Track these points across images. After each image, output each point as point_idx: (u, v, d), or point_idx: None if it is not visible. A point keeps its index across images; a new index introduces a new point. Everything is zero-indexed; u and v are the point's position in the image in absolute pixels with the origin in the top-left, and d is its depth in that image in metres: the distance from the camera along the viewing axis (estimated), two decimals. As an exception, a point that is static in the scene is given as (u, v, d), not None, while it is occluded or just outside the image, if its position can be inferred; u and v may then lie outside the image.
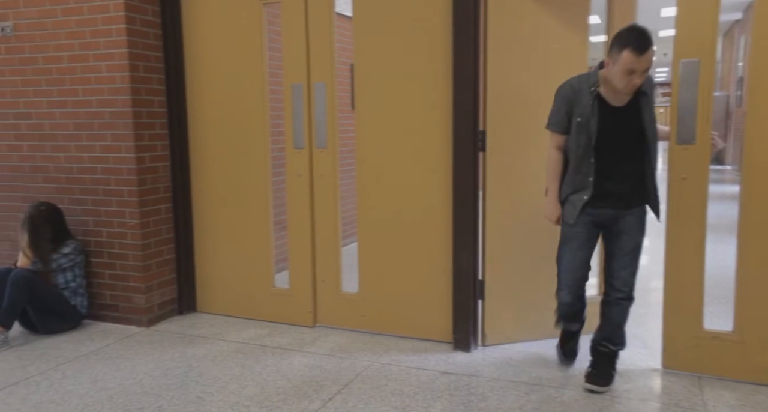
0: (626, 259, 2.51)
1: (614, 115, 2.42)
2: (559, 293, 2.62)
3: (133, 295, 3.47)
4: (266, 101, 3.40)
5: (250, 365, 2.91)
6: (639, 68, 2.25)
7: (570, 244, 2.56)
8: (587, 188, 2.47)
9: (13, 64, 3.54)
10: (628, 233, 2.50)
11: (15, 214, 3.66)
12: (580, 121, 2.43)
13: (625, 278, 2.52)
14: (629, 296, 2.56)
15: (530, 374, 2.75)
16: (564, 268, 2.58)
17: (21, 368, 2.89)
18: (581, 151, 2.45)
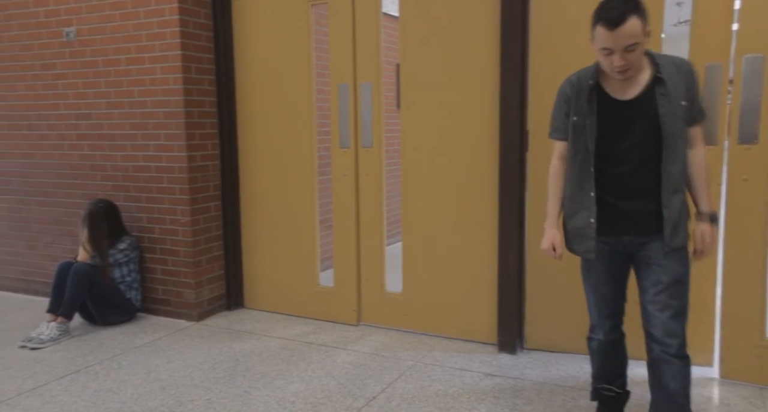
0: (662, 298, 1.90)
1: (620, 112, 1.91)
2: (588, 336, 2.18)
3: (184, 290, 3.57)
4: (313, 101, 3.44)
5: (295, 361, 2.95)
6: (615, 46, 1.80)
7: (588, 279, 2.09)
8: (590, 208, 1.96)
9: (75, 67, 3.70)
10: (659, 264, 1.91)
11: (76, 210, 3.83)
12: (576, 121, 1.97)
13: (666, 325, 1.89)
14: (678, 352, 1.90)
15: (578, 379, 2.69)
16: (589, 307, 2.13)
17: (81, 357, 3.02)
18: (579, 160, 1.97)
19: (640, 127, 1.89)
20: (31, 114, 3.92)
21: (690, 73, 1.90)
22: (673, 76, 1.88)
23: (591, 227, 1.96)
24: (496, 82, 2.93)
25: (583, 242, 2.00)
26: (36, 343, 3.15)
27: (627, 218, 1.93)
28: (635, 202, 1.92)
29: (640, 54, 1.83)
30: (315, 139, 3.48)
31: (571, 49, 2.80)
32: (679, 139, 1.88)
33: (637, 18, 1.78)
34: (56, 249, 3.97)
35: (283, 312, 3.69)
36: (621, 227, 1.95)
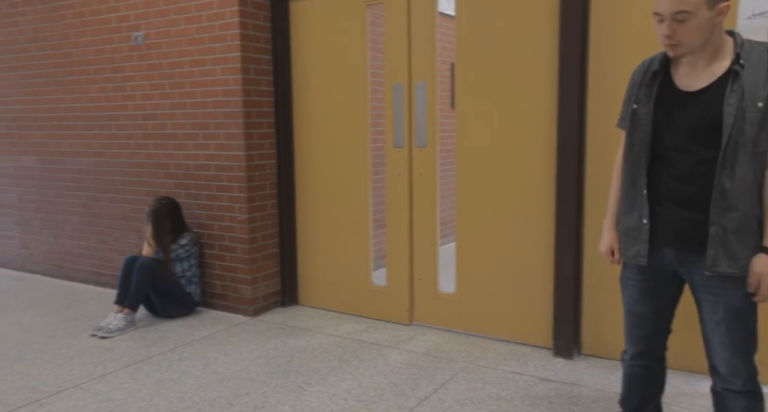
0: (721, 330, 1.66)
1: (680, 105, 1.64)
2: (622, 352, 1.98)
3: (241, 286, 3.67)
4: (367, 101, 3.46)
5: (348, 359, 2.98)
6: (664, 11, 1.55)
7: (623, 291, 1.87)
8: (642, 208, 1.72)
9: (142, 69, 3.87)
10: (713, 291, 1.65)
11: (141, 206, 4.00)
12: (635, 109, 1.74)
13: (729, 363, 1.67)
14: (744, 388, 1.69)
15: (638, 387, 2.59)
16: (624, 323, 1.90)
17: (145, 348, 3.16)
18: (635, 153, 1.74)
19: (698, 125, 1.61)
20: (102, 115, 4.13)
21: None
22: (758, 70, 1.55)
23: (643, 229, 1.72)
24: (554, 81, 2.86)
25: (633, 245, 1.76)
26: (105, 332, 3.32)
27: (669, 227, 1.68)
28: (681, 212, 1.65)
29: (693, 30, 1.56)
30: (369, 138, 3.50)
31: (634, 44, 2.70)
32: (743, 148, 1.55)
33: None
34: (123, 244, 4.17)
35: (335, 310, 3.74)
36: (662, 238, 1.70)
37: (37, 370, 2.88)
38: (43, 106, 4.42)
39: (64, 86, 4.28)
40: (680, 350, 2.48)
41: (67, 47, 4.21)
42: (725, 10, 1.57)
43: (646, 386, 1.93)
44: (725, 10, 1.57)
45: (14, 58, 4.51)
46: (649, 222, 1.71)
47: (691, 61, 1.66)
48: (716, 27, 1.59)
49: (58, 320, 3.61)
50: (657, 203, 1.70)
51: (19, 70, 4.51)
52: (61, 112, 4.34)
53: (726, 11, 1.58)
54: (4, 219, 4.84)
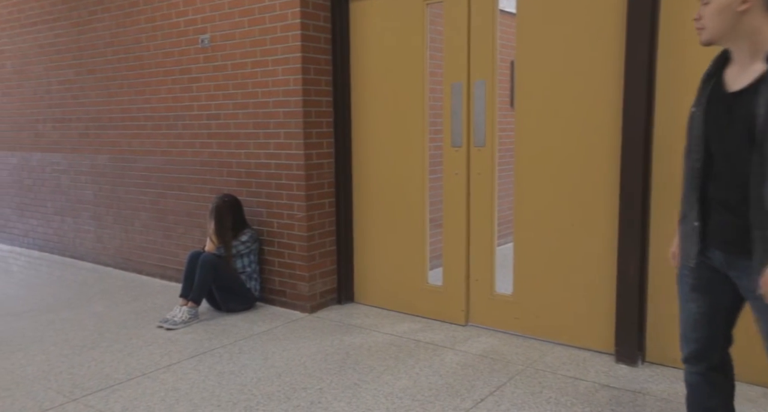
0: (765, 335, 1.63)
1: (723, 106, 1.60)
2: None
3: (299, 283, 3.74)
4: (425, 100, 3.45)
5: (403, 358, 2.99)
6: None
7: (678, 290, 1.83)
8: (695, 210, 1.70)
9: (208, 71, 4.01)
10: (755, 297, 1.60)
11: (205, 203, 4.15)
12: (692, 112, 1.70)
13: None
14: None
15: (708, 399, 2.47)
16: (679, 324, 1.86)
17: (207, 340, 3.27)
18: (689, 157, 1.71)
19: (736, 128, 1.54)
20: (170, 115, 4.31)
21: None
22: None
23: (695, 231, 1.69)
24: (620, 79, 2.76)
25: (686, 245, 1.74)
26: (170, 324, 3.46)
27: (718, 230, 1.65)
28: (729, 216, 1.61)
29: (713, 13, 1.53)
30: (427, 137, 3.49)
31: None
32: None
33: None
34: (188, 239, 4.34)
35: (391, 308, 3.75)
36: (712, 241, 1.67)
37: (110, 357, 3.04)
38: (117, 108, 4.66)
39: (135, 88, 4.49)
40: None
41: (139, 51, 4.42)
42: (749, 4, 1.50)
43: (703, 396, 1.84)
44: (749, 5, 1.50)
45: (93, 62, 4.77)
46: (700, 225, 1.69)
47: (738, 60, 1.59)
48: (744, 16, 1.51)
49: (128, 311, 3.80)
50: (710, 207, 1.67)
51: (96, 73, 4.77)
52: (132, 112, 4.56)
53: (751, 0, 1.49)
54: (81, 214, 5.14)
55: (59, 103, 5.12)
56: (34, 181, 5.53)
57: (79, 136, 5.01)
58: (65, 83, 5.03)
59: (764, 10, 1.51)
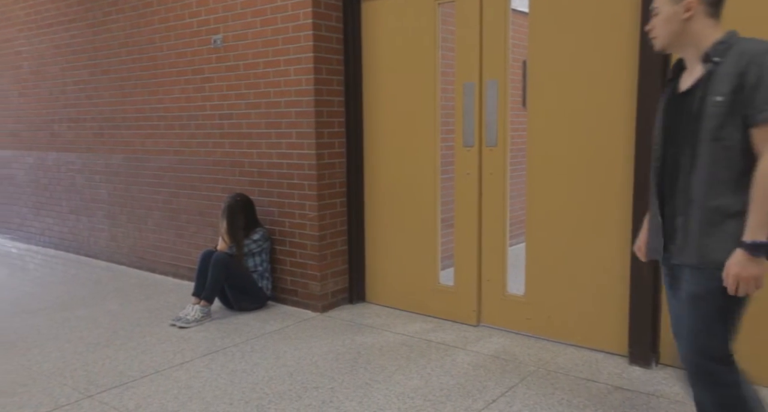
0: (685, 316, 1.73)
1: (675, 105, 1.72)
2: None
3: (310, 282, 3.75)
4: (437, 100, 3.45)
5: (414, 358, 2.99)
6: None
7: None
8: (656, 206, 1.81)
9: (220, 71, 4.03)
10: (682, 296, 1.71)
11: (217, 203, 4.18)
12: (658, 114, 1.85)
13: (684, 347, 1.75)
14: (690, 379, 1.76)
15: (723, 402, 2.44)
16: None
17: (220, 339, 3.30)
18: (653, 155, 1.84)
19: (679, 125, 1.68)
20: (183, 115, 4.34)
21: (752, 62, 1.52)
22: (731, 65, 1.56)
23: (659, 227, 1.78)
24: (634, 79, 2.74)
25: (654, 241, 1.83)
26: (183, 323, 3.49)
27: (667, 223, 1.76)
28: (671, 218, 1.73)
29: (661, 23, 1.68)
30: (438, 137, 3.49)
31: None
32: (703, 143, 1.60)
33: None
34: (200, 238, 4.37)
35: (402, 308, 3.75)
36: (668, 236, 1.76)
37: (124, 355, 3.07)
38: (131, 107, 4.71)
39: (149, 88, 4.53)
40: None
41: (152, 51, 4.45)
42: (692, 6, 1.63)
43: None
44: (692, 7, 1.63)
45: (107, 62, 4.82)
46: (662, 221, 1.78)
47: (689, 64, 1.72)
48: (688, 23, 1.65)
49: (141, 309, 3.84)
50: (663, 201, 1.78)
51: (111, 73, 4.81)
52: (146, 112, 4.60)
53: (693, 8, 1.63)
54: (96, 213, 5.20)
55: (74, 103, 5.18)
56: (49, 181, 5.60)
57: (94, 135, 5.06)
58: (80, 83, 5.08)
59: (706, 16, 1.64)
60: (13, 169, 5.99)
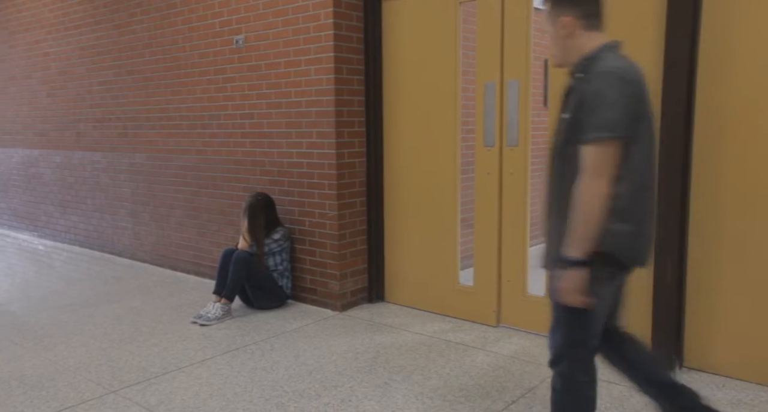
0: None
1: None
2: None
3: (330, 281, 3.77)
4: (458, 99, 3.43)
5: (433, 357, 2.98)
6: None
7: None
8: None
9: (242, 71, 4.07)
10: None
11: (238, 202, 4.22)
12: None
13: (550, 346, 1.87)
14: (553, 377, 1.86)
15: (752, 408, 2.39)
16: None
17: (240, 337, 3.33)
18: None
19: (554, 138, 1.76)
20: (205, 115, 4.39)
21: (593, 81, 1.60)
22: (584, 82, 1.63)
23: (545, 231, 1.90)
24: (658, 75, 2.69)
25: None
26: (204, 320, 3.53)
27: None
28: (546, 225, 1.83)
29: (550, 43, 1.76)
30: (459, 137, 3.47)
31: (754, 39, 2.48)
32: (558, 156, 1.70)
33: (552, 3, 1.72)
34: (221, 237, 4.41)
35: (421, 308, 3.74)
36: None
37: (146, 352, 3.12)
38: (154, 107, 4.77)
39: (172, 88, 4.59)
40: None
41: (175, 52, 4.51)
42: (567, 24, 1.71)
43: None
44: (567, 25, 1.71)
45: (131, 63, 4.90)
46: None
47: None
48: (570, 40, 1.73)
49: (163, 307, 3.89)
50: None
51: (135, 74, 4.89)
52: (169, 112, 4.66)
53: (568, 26, 1.71)
54: (119, 211, 5.29)
55: (99, 103, 5.27)
56: (75, 179, 5.71)
57: (118, 135, 5.15)
58: (105, 84, 5.17)
59: (585, 29, 1.72)
60: (41, 168, 6.12)
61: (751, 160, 2.56)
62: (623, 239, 1.64)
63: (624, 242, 1.65)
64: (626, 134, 1.58)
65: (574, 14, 1.70)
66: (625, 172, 1.61)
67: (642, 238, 1.70)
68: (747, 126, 2.55)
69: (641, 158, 1.63)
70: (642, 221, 1.68)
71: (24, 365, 2.96)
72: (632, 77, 1.62)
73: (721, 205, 2.64)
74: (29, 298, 4.15)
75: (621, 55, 1.70)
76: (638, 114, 1.61)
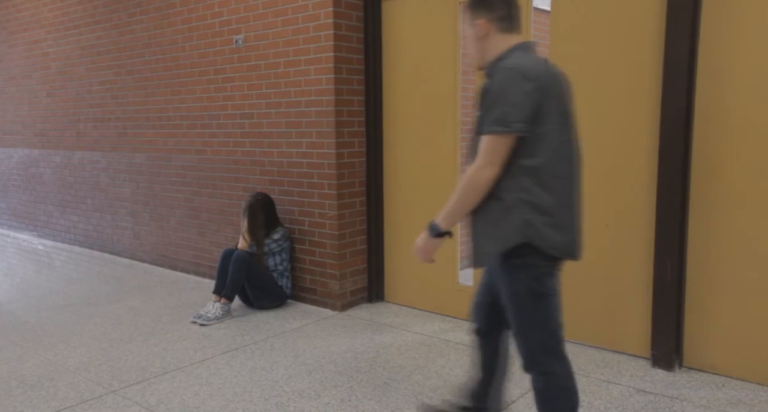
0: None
1: None
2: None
3: (329, 281, 3.77)
4: (458, 99, 3.43)
5: (433, 357, 2.98)
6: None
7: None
8: None
9: (241, 71, 4.07)
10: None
11: (238, 202, 4.22)
12: None
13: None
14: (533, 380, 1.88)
15: (751, 408, 2.39)
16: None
17: (240, 337, 3.33)
18: None
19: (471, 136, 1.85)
20: (205, 114, 4.39)
21: (496, 77, 1.69)
22: (493, 81, 1.71)
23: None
24: (658, 78, 2.69)
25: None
26: (204, 320, 3.53)
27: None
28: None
29: (471, 45, 1.83)
30: (459, 136, 3.47)
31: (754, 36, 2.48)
32: (473, 155, 1.77)
33: (468, 8, 1.81)
34: (221, 236, 4.41)
35: (421, 308, 3.74)
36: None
37: (146, 351, 3.12)
38: (154, 107, 4.77)
39: (171, 88, 4.59)
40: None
41: (175, 52, 4.51)
42: (481, 27, 1.79)
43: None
44: (481, 27, 1.79)
45: (131, 63, 4.90)
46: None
47: None
48: (486, 42, 1.80)
49: (163, 306, 3.89)
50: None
51: (134, 74, 4.89)
52: (168, 112, 4.66)
53: (482, 28, 1.79)
54: (119, 211, 5.29)
55: (99, 103, 5.27)
56: (75, 179, 5.72)
57: (118, 135, 5.15)
58: (105, 84, 5.17)
59: (500, 32, 1.79)
60: (41, 168, 6.12)
61: (751, 160, 2.56)
62: (543, 230, 1.69)
63: (544, 233, 1.70)
64: (522, 130, 1.64)
65: (488, 17, 1.78)
66: (536, 165, 1.67)
67: (559, 228, 1.72)
68: (747, 126, 2.55)
69: (553, 153, 1.68)
70: (557, 212, 1.71)
71: (24, 364, 2.96)
72: (535, 75, 1.65)
73: (721, 205, 2.64)
74: (29, 298, 4.15)
75: (531, 54, 1.76)
76: (543, 110, 1.65)
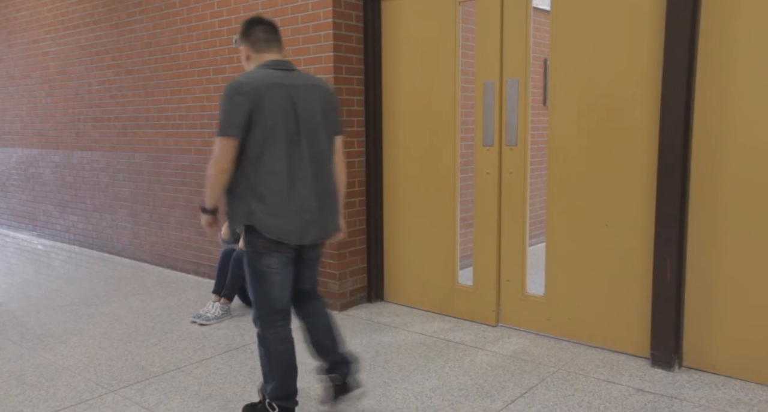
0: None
1: None
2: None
3: (329, 280, 3.77)
4: (457, 99, 3.43)
5: (433, 357, 2.98)
6: None
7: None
8: None
9: (241, 71, 4.06)
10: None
11: (237, 201, 4.21)
12: None
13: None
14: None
15: (752, 407, 2.39)
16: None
17: (239, 336, 3.32)
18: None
19: None
20: (204, 114, 4.38)
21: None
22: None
23: None
24: (657, 79, 2.70)
25: None
26: (203, 320, 3.53)
27: None
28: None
29: (244, 64, 2.24)
30: (458, 136, 3.47)
31: (756, 37, 2.49)
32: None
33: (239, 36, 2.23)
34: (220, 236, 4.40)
35: (421, 308, 3.75)
36: None
37: (146, 351, 3.12)
38: (153, 107, 4.77)
39: (171, 88, 4.59)
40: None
41: (174, 51, 4.51)
42: (243, 51, 2.22)
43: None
44: (244, 51, 2.22)
45: (131, 62, 4.90)
46: None
47: None
48: (247, 62, 2.23)
49: (162, 306, 3.89)
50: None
51: (134, 73, 4.89)
52: (168, 111, 4.65)
53: (244, 51, 2.22)
54: (119, 211, 5.28)
55: (99, 102, 5.27)
56: (74, 179, 5.71)
57: (118, 134, 5.14)
58: (105, 83, 5.17)
59: (255, 53, 2.19)
60: (40, 168, 6.12)
61: (750, 160, 2.56)
62: (260, 216, 2.10)
63: (260, 218, 2.10)
64: (234, 135, 2.03)
65: (246, 44, 2.21)
66: (259, 164, 2.07)
67: (278, 217, 2.10)
68: (747, 126, 2.55)
69: (269, 153, 2.06)
70: (271, 202, 2.08)
71: (23, 364, 2.96)
72: (248, 89, 2.02)
73: (721, 205, 2.64)
74: (28, 297, 4.15)
75: (266, 70, 2.10)
76: (254, 118, 2.03)
